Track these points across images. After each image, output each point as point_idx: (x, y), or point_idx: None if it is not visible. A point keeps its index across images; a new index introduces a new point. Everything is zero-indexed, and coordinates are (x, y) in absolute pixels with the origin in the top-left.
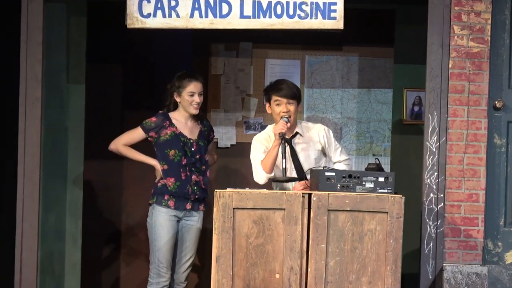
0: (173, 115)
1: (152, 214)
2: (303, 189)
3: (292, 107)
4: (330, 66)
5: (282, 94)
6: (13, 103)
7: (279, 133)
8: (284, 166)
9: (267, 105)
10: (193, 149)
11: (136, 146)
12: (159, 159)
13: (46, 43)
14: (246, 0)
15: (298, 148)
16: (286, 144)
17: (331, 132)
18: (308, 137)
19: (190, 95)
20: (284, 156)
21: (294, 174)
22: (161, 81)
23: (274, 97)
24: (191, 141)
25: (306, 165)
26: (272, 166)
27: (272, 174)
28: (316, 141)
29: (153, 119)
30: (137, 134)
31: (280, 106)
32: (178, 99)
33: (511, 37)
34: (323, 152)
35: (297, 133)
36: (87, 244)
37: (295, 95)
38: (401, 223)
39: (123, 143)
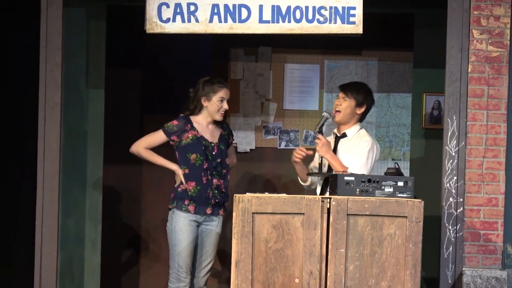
0: (195, 119)
1: (172, 218)
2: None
3: (345, 103)
4: (350, 71)
5: (342, 87)
6: (32, 107)
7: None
8: (320, 161)
9: None
10: (214, 153)
11: (155, 150)
12: (180, 163)
13: (66, 47)
14: (265, 4)
15: (339, 148)
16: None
17: (369, 147)
18: (353, 142)
19: (220, 100)
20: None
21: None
22: (180, 86)
23: (339, 91)
24: (212, 144)
25: None
26: (303, 176)
27: (307, 183)
28: (356, 148)
29: (175, 122)
30: (158, 137)
31: (337, 100)
32: (205, 104)
33: None
34: None
35: (345, 134)
36: (106, 249)
37: (355, 94)
38: (420, 227)
39: (144, 146)
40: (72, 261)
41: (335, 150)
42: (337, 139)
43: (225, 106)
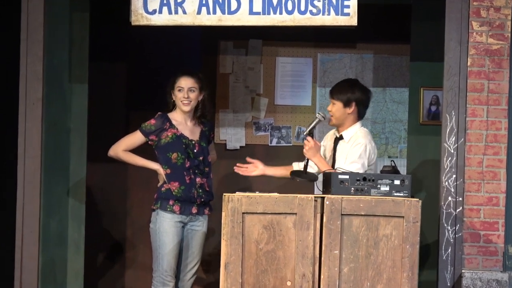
0: (172, 116)
1: (156, 220)
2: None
3: (334, 107)
4: (344, 65)
5: (331, 92)
6: (13, 103)
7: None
8: (305, 163)
9: None
10: (195, 151)
11: (137, 149)
12: (161, 163)
13: (47, 40)
14: None
15: (337, 150)
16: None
17: (362, 148)
18: (348, 145)
19: (178, 90)
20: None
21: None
22: (168, 80)
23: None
24: (193, 142)
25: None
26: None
27: None
28: (347, 152)
29: (152, 121)
30: (136, 138)
31: (329, 105)
32: (173, 97)
33: None
34: None
35: (342, 136)
36: (90, 251)
37: (338, 95)
38: (418, 228)
39: (123, 149)
40: (55, 263)
41: (334, 152)
42: (336, 140)
43: (184, 95)
